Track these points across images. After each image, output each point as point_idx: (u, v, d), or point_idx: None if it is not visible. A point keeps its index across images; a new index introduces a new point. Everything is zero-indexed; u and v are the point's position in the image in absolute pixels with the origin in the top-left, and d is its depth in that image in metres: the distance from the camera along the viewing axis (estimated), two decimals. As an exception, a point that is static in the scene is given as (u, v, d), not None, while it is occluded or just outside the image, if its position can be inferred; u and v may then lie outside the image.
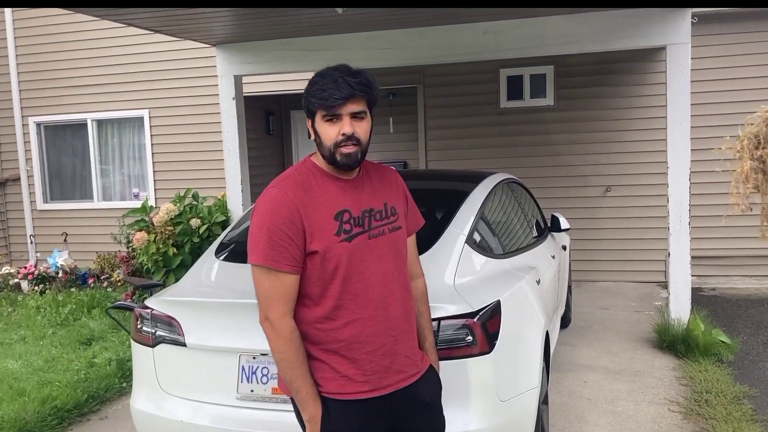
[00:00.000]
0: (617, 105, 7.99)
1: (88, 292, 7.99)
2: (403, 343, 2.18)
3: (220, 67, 6.57)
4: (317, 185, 2.11)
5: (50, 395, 4.74)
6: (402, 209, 2.28)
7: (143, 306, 3.27)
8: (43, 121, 9.90)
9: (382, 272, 2.13)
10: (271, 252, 2.03)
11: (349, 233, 2.08)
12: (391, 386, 2.15)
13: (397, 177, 2.35)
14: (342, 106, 2.03)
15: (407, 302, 2.23)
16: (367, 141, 2.12)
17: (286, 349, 2.05)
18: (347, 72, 2.05)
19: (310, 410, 2.10)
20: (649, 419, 4.27)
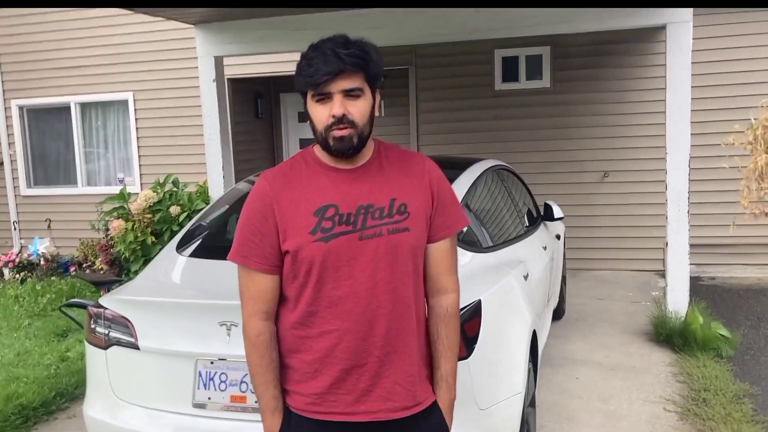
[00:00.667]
0: (615, 87, 7.71)
1: (69, 281, 7.76)
2: (393, 366, 1.83)
3: (199, 47, 6.30)
4: (305, 176, 1.86)
5: (16, 392, 4.52)
6: (422, 207, 1.86)
7: (97, 305, 3.04)
8: (25, 104, 9.63)
9: (371, 280, 1.79)
10: (240, 247, 1.86)
11: (327, 232, 1.78)
12: (371, 414, 1.83)
13: (426, 168, 1.92)
14: (330, 83, 1.74)
15: (405, 319, 1.84)
16: (365, 122, 1.80)
17: (250, 352, 1.88)
18: (341, 43, 1.77)
19: (267, 423, 1.92)
20: (643, 420, 4.05)
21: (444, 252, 1.93)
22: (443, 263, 1.93)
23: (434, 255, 1.91)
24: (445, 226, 1.92)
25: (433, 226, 1.90)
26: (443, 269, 1.93)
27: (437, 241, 1.91)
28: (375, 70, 1.81)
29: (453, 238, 1.95)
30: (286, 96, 9.68)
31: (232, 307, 2.75)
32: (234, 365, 2.69)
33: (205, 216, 3.84)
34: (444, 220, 1.91)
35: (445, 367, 1.92)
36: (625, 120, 7.69)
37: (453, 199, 1.96)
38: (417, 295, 1.89)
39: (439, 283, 1.93)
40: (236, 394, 2.68)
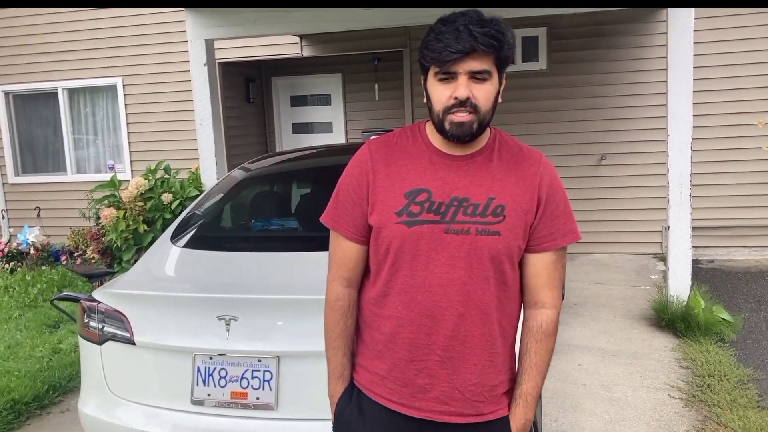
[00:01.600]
0: (614, 69, 7.60)
1: (60, 271, 7.64)
2: (456, 371, 1.73)
3: (189, 31, 6.13)
4: (408, 153, 1.77)
5: (8, 387, 4.41)
6: (522, 213, 1.71)
7: (90, 298, 2.93)
8: (12, 90, 9.42)
9: (446, 276, 1.69)
10: (333, 210, 1.85)
11: (413, 217, 1.68)
12: (425, 412, 1.75)
13: (540, 171, 1.75)
14: (458, 63, 1.61)
15: (479, 326, 1.71)
16: (488, 109, 1.68)
17: (327, 314, 1.88)
18: (475, 20, 1.62)
19: (330, 387, 1.92)
20: (649, 407, 3.99)
21: (545, 264, 1.76)
22: (543, 276, 1.76)
23: (534, 266, 1.76)
24: (550, 238, 1.75)
25: (535, 235, 1.74)
26: (542, 282, 1.76)
27: (538, 252, 1.75)
28: (508, 53, 1.67)
29: (559, 251, 1.77)
30: (278, 80, 9.51)
31: (232, 300, 2.68)
32: (234, 360, 2.60)
33: (199, 205, 3.72)
34: (549, 231, 1.75)
35: (527, 384, 1.78)
36: (623, 102, 7.59)
37: (565, 209, 1.77)
38: (502, 305, 1.75)
39: (536, 296, 1.78)
40: (237, 391, 2.59)
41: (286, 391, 2.56)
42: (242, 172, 4.06)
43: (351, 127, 9.15)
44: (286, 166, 4.41)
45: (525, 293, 1.80)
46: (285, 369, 2.56)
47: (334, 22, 5.81)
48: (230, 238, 3.72)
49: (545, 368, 1.81)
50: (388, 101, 8.75)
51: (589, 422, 3.82)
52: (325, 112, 9.39)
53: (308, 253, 3.08)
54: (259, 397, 2.57)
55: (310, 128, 9.52)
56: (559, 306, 1.81)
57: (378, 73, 8.70)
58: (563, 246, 1.77)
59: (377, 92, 8.76)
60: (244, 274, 2.99)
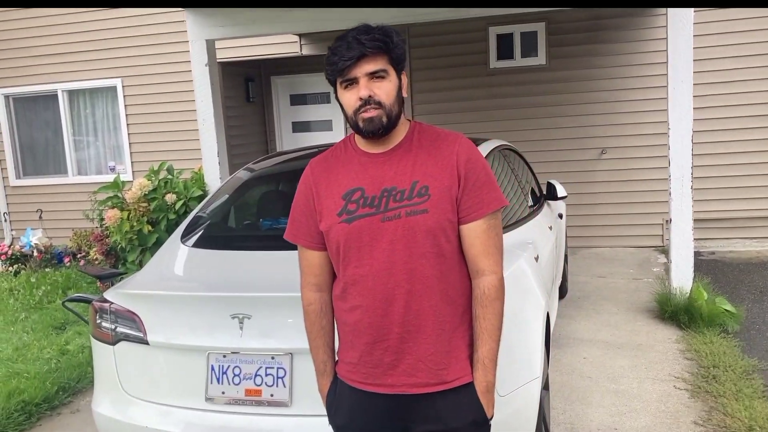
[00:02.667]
0: (613, 63, 7.63)
1: (64, 272, 7.66)
2: (414, 344, 1.89)
3: (190, 31, 6.14)
4: (341, 161, 1.99)
5: (17, 388, 4.44)
6: (446, 189, 1.87)
7: (102, 299, 2.96)
8: (11, 93, 9.43)
9: (389, 260, 1.86)
10: (291, 226, 2.07)
11: (351, 214, 1.89)
12: (396, 387, 1.92)
13: (456, 150, 1.92)
14: (354, 68, 1.84)
15: (425, 299, 1.88)
16: (392, 102, 1.87)
17: (304, 320, 2.09)
18: (362, 30, 1.85)
19: (318, 383, 2.12)
20: (655, 398, 4.02)
21: (478, 234, 1.90)
22: (478, 245, 1.90)
23: (468, 237, 1.90)
24: (477, 207, 1.89)
25: (463, 206, 1.89)
26: (478, 251, 1.91)
27: (468, 222, 1.90)
28: (398, 52, 1.89)
29: (489, 219, 1.90)
30: (277, 79, 9.53)
31: (244, 299, 2.71)
32: (248, 358, 2.62)
33: (208, 205, 3.75)
34: (475, 201, 1.89)
35: (483, 349, 1.92)
36: (623, 96, 7.63)
37: (486, 179, 1.92)
38: (443, 276, 1.89)
39: (476, 265, 1.92)
40: (251, 388, 2.61)
41: (299, 387, 2.59)
42: (247, 172, 4.08)
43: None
44: (290, 165, 4.43)
45: (468, 264, 1.94)
46: (298, 366, 2.59)
47: (333, 21, 5.82)
48: (240, 237, 3.74)
49: (497, 332, 1.93)
50: (388, 98, 8.77)
51: (597, 414, 3.85)
52: (324, 110, 9.41)
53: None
54: (273, 394, 2.60)
55: (310, 127, 9.54)
56: (500, 271, 1.93)
57: (377, 70, 8.71)
58: (491, 213, 1.91)
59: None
60: (256, 273, 3.01)
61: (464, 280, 1.94)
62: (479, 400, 1.93)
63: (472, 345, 1.95)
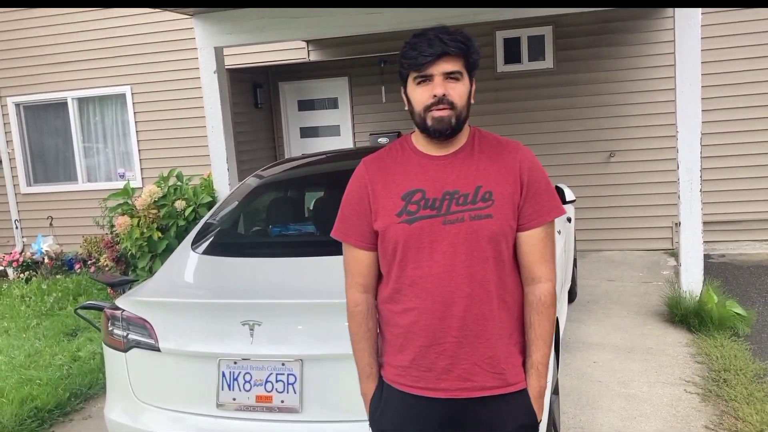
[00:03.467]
0: (621, 66, 7.62)
1: (75, 279, 7.71)
2: (472, 348, 1.89)
3: (198, 38, 6.19)
4: (399, 161, 1.97)
5: (30, 394, 4.48)
6: (509, 196, 1.89)
7: (114, 306, 2.98)
8: (22, 101, 9.51)
9: (449, 263, 1.86)
10: (340, 225, 2.03)
11: (411, 215, 1.88)
12: (452, 392, 1.91)
13: (519, 157, 1.93)
14: (433, 65, 1.83)
15: (484, 304, 1.88)
16: (462, 105, 1.88)
17: (348, 321, 2.05)
18: (444, 31, 1.86)
19: (362, 386, 2.08)
20: (665, 402, 4.01)
21: (536, 241, 1.92)
22: (535, 252, 1.92)
23: (526, 244, 1.92)
24: (537, 215, 1.91)
25: (523, 214, 1.91)
26: (535, 258, 1.93)
27: (528, 230, 1.91)
28: (475, 57, 1.89)
29: (547, 227, 1.93)
30: (285, 84, 9.57)
31: (255, 306, 2.73)
32: (258, 365, 2.64)
33: (217, 212, 3.77)
34: (534, 209, 1.91)
35: (536, 355, 1.93)
36: (631, 99, 7.62)
37: (546, 188, 1.94)
38: (502, 282, 1.91)
39: (531, 272, 1.93)
40: (262, 394, 2.63)
41: (310, 393, 2.60)
42: (256, 179, 4.11)
43: (359, 129, 9.20)
44: (299, 172, 4.46)
45: (522, 271, 1.95)
46: (309, 372, 2.61)
47: (341, 27, 5.85)
48: (249, 244, 3.77)
49: (550, 338, 1.95)
50: (396, 103, 8.77)
51: (607, 419, 3.84)
52: (332, 115, 9.44)
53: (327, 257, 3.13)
54: (283, 401, 2.61)
55: (318, 132, 9.57)
56: (554, 279, 1.95)
57: (385, 75, 8.74)
58: (550, 221, 1.94)
59: (384, 94, 8.81)
60: (266, 280, 3.03)
61: (519, 287, 1.96)
62: (532, 404, 1.95)
63: (523, 351, 1.96)
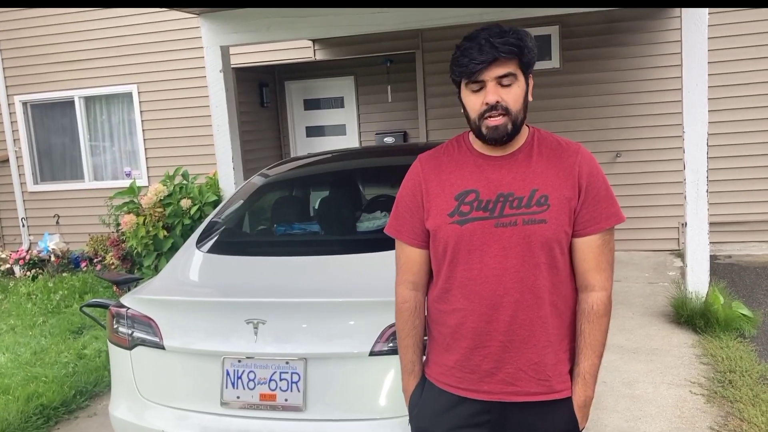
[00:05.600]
0: (627, 66, 7.60)
1: (81, 277, 7.75)
2: (518, 353, 1.86)
3: (205, 37, 6.20)
4: (455, 160, 1.94)
5: (36, 392, 4.50)
6: (565, 200, 1.83)
7: (119, 304, 2.99)
8: (29, 100, 9.54)
9: (500, 266, 1.83)
10: (394, 221, 2.03)
11: (464, 216, 1.85)
12: (495, 395, 1.89)
13: (578, 161, 1.86)
14: (484, 72, 1.78)
15: (534, 310, 1.84)
16: (518, 109, 1.82)
17: (396, 316, 2.05)
18: (495, 32, 1.79)
19: (403, 382, 2.08)
20: (670, 403, 4.00)
21: (592, 248, 1.86)
22: (591, 259, 1.87)
23: (581, 251, 1.87)
24: (594, 222, 1.85)
25: (580, 220, 1.85)
26: (591, 266, 1.87)
27: (584, 236, 1.86)
28: (529, 56, 1.82)
29: (605, 234, 1.87)
30: (291, 83, 9.59)
31: (259, 304, 2.73)
32: (262, 363, 2.64)
33: (222, 211, 3.78)
34: (592, 215, 1.85)
35: (584, 364, 1.89)
36: (637, 99, 7.59)
37: (606, 194, 1.86)
38: (555, 288, 1.87)
39: (586, 280, 1.88)
40: (266, 393, 2.63)
41: (314, 392, 2.61)
42: (262, 178, 4.11)
43: (364, 129, 9.20)
44: (304, 171, 4.47)
45: (576, 277, 1.90)
46: (312, 371, 2.61)
47: (347, 26, 5.85)
48: (254, 243, 3.77)
49: (600, 348, 1.90)
50: (401, 102, 8.80)
51: (611, 419, 3.83)
52: (338, 114, 9.45)
53: (331, 256, 3.14)
54: (287, 399, 2.62)
55: (324, 131, 9.58)
56: (609, 288, 1.89)
57: (390, 75, 8.74)
58: (608, 229, 1.87)
59: (390, 94, 8.81)
60: (270, 278, 3.04)
61: (573, 293, 1.91)
62: (575, 413, 1.91)
63: (572, 359, 1.92)
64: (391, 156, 4.64)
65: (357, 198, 4.19)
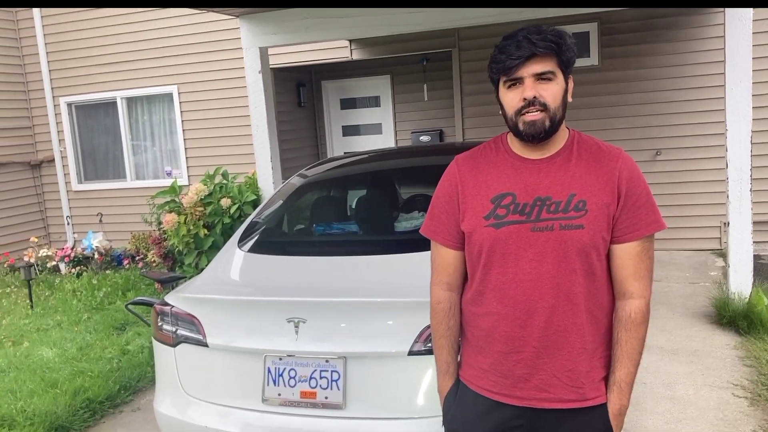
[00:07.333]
0: (668, 62, 7.47)
1: (123, 274, 7.92)
2: (551, 360, 1.84)
3: (244, 39, 6.29)
4: (492, 162, 1.92)
5: (82, 386, 4.62)
6: (604, 206, 1.80)
7: (163, 302, 3.07)
8: (73, 101, 9.79)
9: (535, 271, 1.81)
10: (430, 222, 2.02)
11: (500, 219, 1.83)
12: (528, 401, 1.87)
13: (618, 166, 1.83)
14: (522, 67, 1.77)
15: (569, 316, 1.82)
16: (557, 106, 1.80)
17: (431, 317, 2.05)
18: (534, 30, 1.78)
19: (438, 383, 2.07)
20: (712, 406, 3.94)
21: (631, 255, 1.82)
22: (629, 267, 1.83)
23: (620, 257, 1.83)
24: (633, 229, 1.82)
25: (619, 226, 1.82)
26: (629, 273, 1.83)
27: (623, 243, 1.83)
28: (568, 55, 1.81)
29: (644, 241, 1.83)
30: (328, 84, 9.65)
31: (300, 303, 2.78)
32: (303, 361, 2.69)
33: (263, 211, 3.84)
34: (632, 222, 1.81)
35: (620, 372, 1.86)
36: (678, 96, 7.47)
37: (646, 200, 1.83)
38: (592, 295, 1.84)
39: (623, 287, 1.85)
40: (306, 390, 2.68)
41: (353, 390, 2.64)
42: (300, 178, 4.17)
43: (400, 128, 9.22)
44: (341, 171, 4.51)
45: (614, 284, 1.87)
46: (352, 369, 2.65)
47: (384, 26, 5.88)
48: (294, 242, 3.83)
49: (637, 356, 1.86)
50: (438, 101, 8.79)
51: (651, 421, 3.80)
52: (374, 113, 9.48)
53: (370, 256, 3.17)
54: (327, 397, 2.66)
55: (360, 130, 9.63)
56: (648, 296, 1.86)
57: (427, 73, 8.74)
58: (647, 236, 1.83)
59: (426, 92, 8.81)
60: (310, 278, 3.08)
61: (610, 300, 1.88)
62: (609, 421, 1.88)
63: (608, 366, 1.89)
64: (427, 156, 4.65)
65: (394, 198, 4.22)
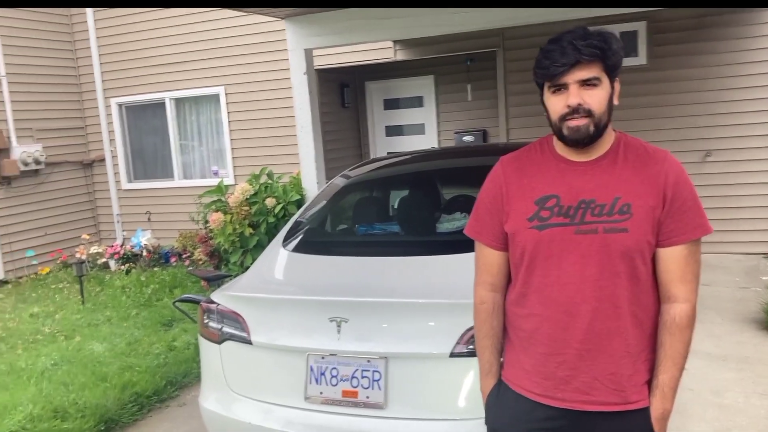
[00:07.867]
0: (718, 62, 7.30)
1: (171, 271, 8.09)
2: (593, 363, 1.83)
3: (289, 41, 6.35)
4: (537, 163, 1.93)
5: (131, 380, 4.75)
6: (649, 210, 1.79)
7: (209, 300, 3.13)
8: (124, 102, 10.03)
9: (578, 274, 1.80)
10: (475, 223, 2.03)
11: (543, 221, 1.84)
12: (569, 403, 1.87)
13: (664, 169, 1.82)
14: (566, 74, 1.77)
15: (612, 320, 1.81)
16: (602, 111, 1.80)
17: (474, 317, 2.06)
18: (579, 35, 1.77)
19: (481, 383, 2.08)
20: (762, 414, 3.84)
21: (676, 259, 1.81)
22: (675, 270, 1.82)
23: (665, 261, 1.82)
24: (679, 233, 1.80)
25: (664, 230, 1.81)
26: (674, 277, 1.82)
27: (668, 246, 1.81)
28: (614, 59, 1.80)
29: (691, 245, 1.81)
30: (371, 84, 9.70)
31: (342, 303, 2.81)
32: (345, 360, 2.72)
33: (306, 211, 3.89)
34: (678, 225, 1.80)
35: (664, 376, 1.84)
36: (729, 96, 7.29)
37: (692, 204, 1.82)
38: (636, 298, 1.83)
39: (668, 291, 1.83)
40: (348, 389, 2.70)
41: (394, 390, 2.66)
42: (343, 179, 4.20)
43: (443, 128, 9.21)
44: (384, 172, 4.53)
45: (659, 288, 1.85)
46: (393, 369, 2.66)
47: (428, 26, 5.87)
48: (337, 243, 3.87)
49: (681, 360, 1.85)
50: (482, 101, 8.75)
51: (698, 428, 3.72)
52: (417, 114, 9.49)
53: (412, 257, 3.18)
54: (368, 396, 2.68)
55: (403, 131, 9.64)
56: (694, 300, 1.85)
57: (470, 73, 8.71)
58: (693, 240, 1.81)
59: (470, 93, 8.78)
60: (352, 278, 3.11)
61: (656, 304, 1.87)
62: (652, 425, 1.87)
63: (651, 370, 1.87)
64: (470, 157, 4.64)
65: (437, 199, 4.22)
